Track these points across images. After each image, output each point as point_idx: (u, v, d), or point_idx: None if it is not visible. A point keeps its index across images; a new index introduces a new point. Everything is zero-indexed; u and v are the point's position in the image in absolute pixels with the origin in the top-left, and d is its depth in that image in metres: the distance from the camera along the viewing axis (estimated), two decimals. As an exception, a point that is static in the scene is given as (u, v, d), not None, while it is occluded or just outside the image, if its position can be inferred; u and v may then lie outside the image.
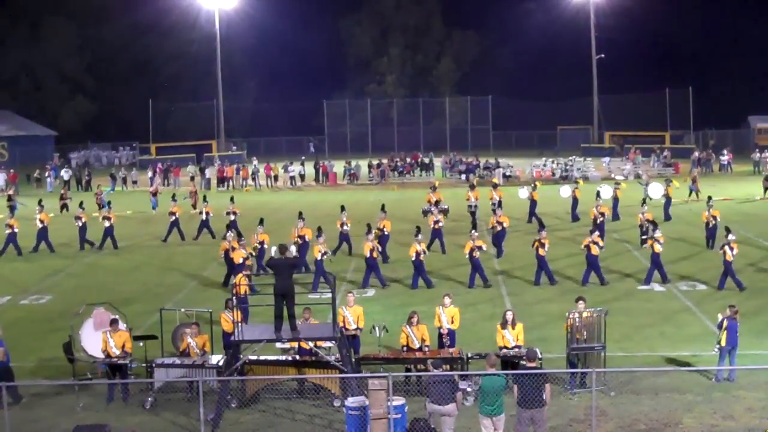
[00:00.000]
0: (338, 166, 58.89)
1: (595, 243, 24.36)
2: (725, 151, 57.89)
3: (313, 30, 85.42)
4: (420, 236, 24.91)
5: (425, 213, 34.42)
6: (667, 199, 35.08)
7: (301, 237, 26.57)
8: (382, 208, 30.43)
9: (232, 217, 32.34)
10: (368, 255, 24.55)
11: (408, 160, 61.86)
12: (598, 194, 32.89)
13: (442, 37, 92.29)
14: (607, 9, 74.13)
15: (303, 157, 62.92)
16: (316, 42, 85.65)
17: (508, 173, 54.38)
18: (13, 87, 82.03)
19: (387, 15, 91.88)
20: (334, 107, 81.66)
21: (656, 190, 37.65)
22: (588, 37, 73.85)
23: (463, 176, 55.53)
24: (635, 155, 59.87)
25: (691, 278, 24.88)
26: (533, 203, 35.24)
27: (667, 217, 34.10)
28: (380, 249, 25.61)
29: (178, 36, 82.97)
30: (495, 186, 36.74)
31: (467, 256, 24.57)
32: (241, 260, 23.87)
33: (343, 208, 30.21)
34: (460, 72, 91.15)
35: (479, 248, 24.43)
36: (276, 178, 56.52)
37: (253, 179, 55.86)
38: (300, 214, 28.04)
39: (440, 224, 29.56)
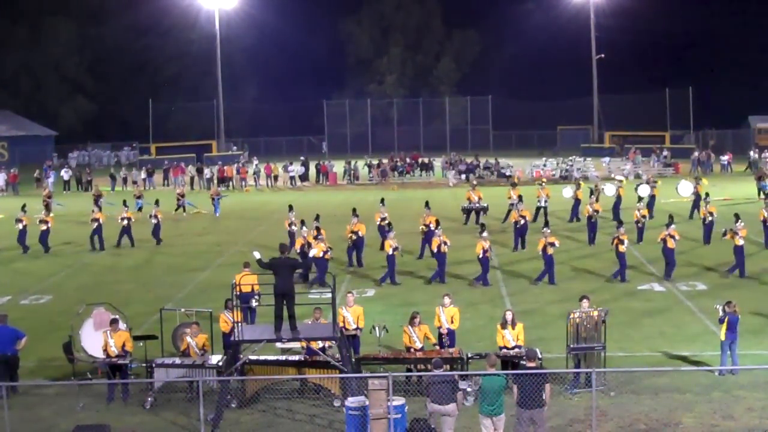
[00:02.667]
0: (338, 166, 58.91)
1: (672, 236, 24.49)
2: (751, 152, 57.75)
3: (313, 30, 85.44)
4: (485, 233, 25.08)
5: (465, 211, 34.97)
6: (697, 196, 35.37)
7: (355, 233, 27.45)
8: (426, 204, 30.69)
9: (155, 221, 32.79)
10: (436, 250, 24.98)
11: (408, 160, 61.91)
12: (591, 192, 33.74)
13: (442, 37, 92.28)
14: (607, 9, 74.11)
15: (302, 158, 62.80)
16: (316, 42, 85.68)
17: (507, 173, 54.46)
18: (13, 87, 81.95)
19: (387, 15, 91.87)
20: (334, 107, 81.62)
21: (686, 188, 38.02)
22: (588, 37, 73.80)
23: (463, 176, 55.56)
24: (635, 155, 59.91)
25: (690, 274, 24.92)
26: (577, 202, 35.40)
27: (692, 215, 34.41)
28: (449, 243, 25.54)
29: (178, 36, 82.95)
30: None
31: (540, 253, 24.68)
32: (321, 254, 24.43)
33: (291, 208, 30.63)
34: (460, 72, 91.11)
35: (552, 245, 24.46)
36: (276, 178, 56.55)
37: (254, 179, 55.86)
38: (354, 210, 28.69)
39: (386, 221, 29.74)
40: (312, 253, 23.31)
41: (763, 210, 29.14)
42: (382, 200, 31.77)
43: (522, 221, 29.47)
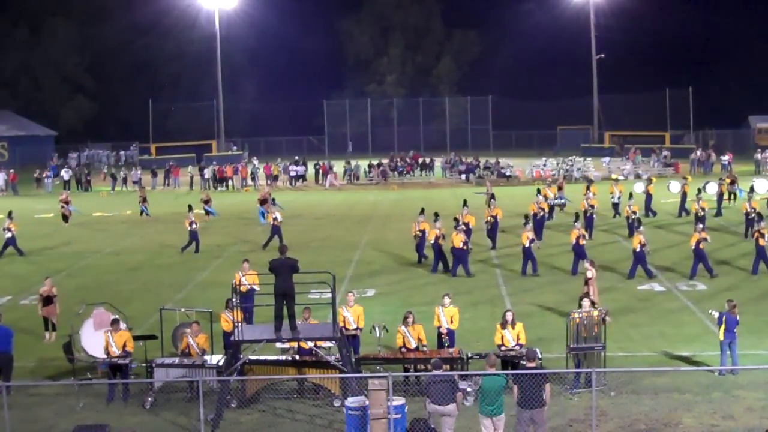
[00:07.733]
0: (338, 166, 58.90)
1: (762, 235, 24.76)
2: (758, 155, 57.54)
3: (313, 30, 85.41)
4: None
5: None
6: None
7: (465, 224, 27.64)
8: (493, 196, 31.46)
9: (9, 234, 30.70)
10: (575, 242, 25.43)
11: (408, 160, 61.92)
12: (588, 187, 34.30)
13: (442, 37, 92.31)
14: (607, 9, 74.13)
15: (296, 157, 62.69)
16: (316, 42, 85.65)
17: (507, 173, 54.50)
18: (13, 87, 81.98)
19: (387, 15, 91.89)
20: (334, 107, 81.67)
21: (763, 185, 38.67)
22: (588, 37, 73.84)
23: (463, 176, 55.56)
24: (635, 155, 59.88)
25: (681, 270, 25.07)
26: (649, 197, 36.05)
27: None
28: (587, 236, 26.68)
29: (178, 36, 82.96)
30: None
31: (693, 248, 24.81)
32: (461, 244, 25.21)
33: (190, 208, 31.26)
34: (460, 72, 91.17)
35: (705, 239, 24.72)
36: (276, 177, 56.53)
37: (253, 179, 55.86)
38: (464, 202, 29.80)
39: (279, 220, 30.60)
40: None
41: (745, 203, 30.74)
42: (273, 200, 32.35)
43: (541, 213, 30.13)
